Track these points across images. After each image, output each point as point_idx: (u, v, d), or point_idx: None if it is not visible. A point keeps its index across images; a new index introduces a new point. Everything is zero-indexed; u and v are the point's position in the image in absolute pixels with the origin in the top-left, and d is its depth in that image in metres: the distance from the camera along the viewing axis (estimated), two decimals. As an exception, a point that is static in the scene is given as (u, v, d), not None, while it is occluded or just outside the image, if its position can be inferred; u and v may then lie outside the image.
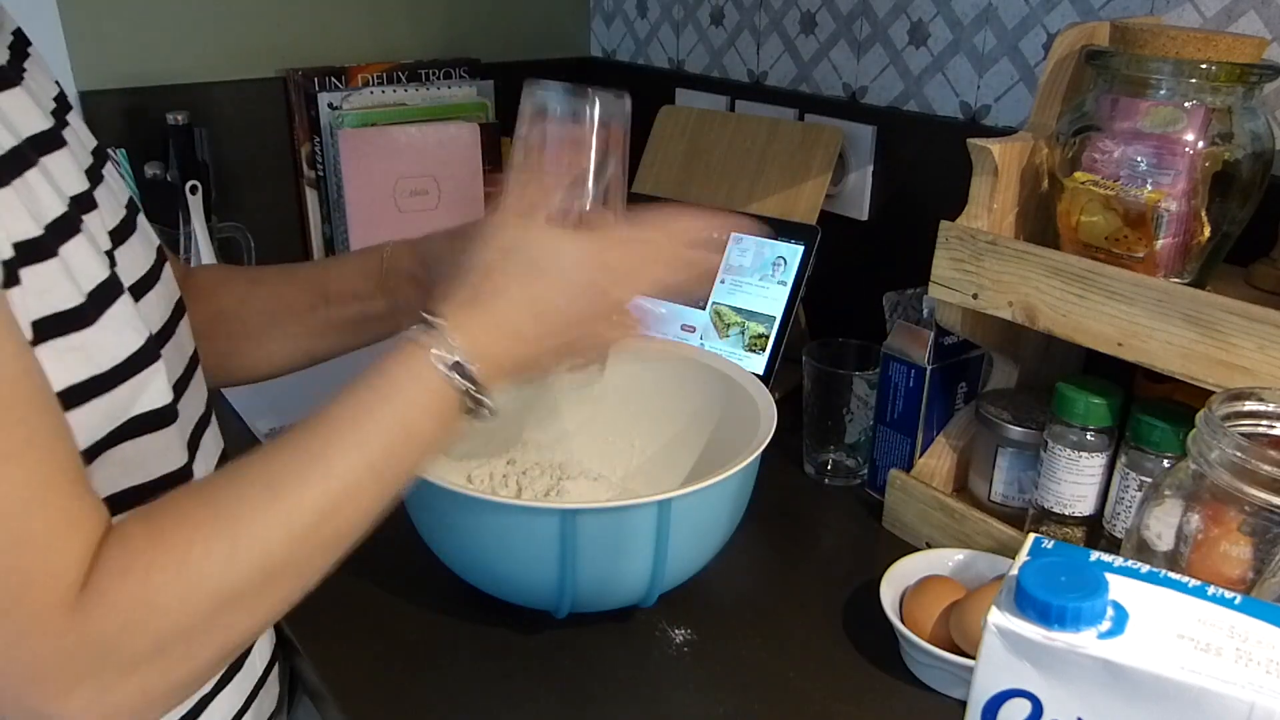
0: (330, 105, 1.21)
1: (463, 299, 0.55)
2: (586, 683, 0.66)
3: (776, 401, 0.75)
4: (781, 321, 0.99)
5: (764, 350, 0.99)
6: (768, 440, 0.69)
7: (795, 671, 0.67)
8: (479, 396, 0.52)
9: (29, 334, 0.45)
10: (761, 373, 0.97)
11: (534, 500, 0.79)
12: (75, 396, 0.47)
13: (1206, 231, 0.67)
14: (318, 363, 0.78)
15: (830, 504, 0.88)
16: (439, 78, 1.29)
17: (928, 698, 0.65)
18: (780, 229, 1.01)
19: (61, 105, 0.57)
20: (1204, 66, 0.64)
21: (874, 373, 0.86)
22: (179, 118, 1.12)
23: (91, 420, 0.48)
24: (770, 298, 1.00)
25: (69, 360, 0.47)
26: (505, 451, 0.85)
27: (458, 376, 0.52)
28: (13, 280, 0.44)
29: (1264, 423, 0.54)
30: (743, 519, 0.73)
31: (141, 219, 0.60)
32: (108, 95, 1.15)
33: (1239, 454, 0.50)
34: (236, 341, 0.74)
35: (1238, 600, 0.38)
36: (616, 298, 0.59)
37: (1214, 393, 0.55)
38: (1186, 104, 0.65)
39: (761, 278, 1.01)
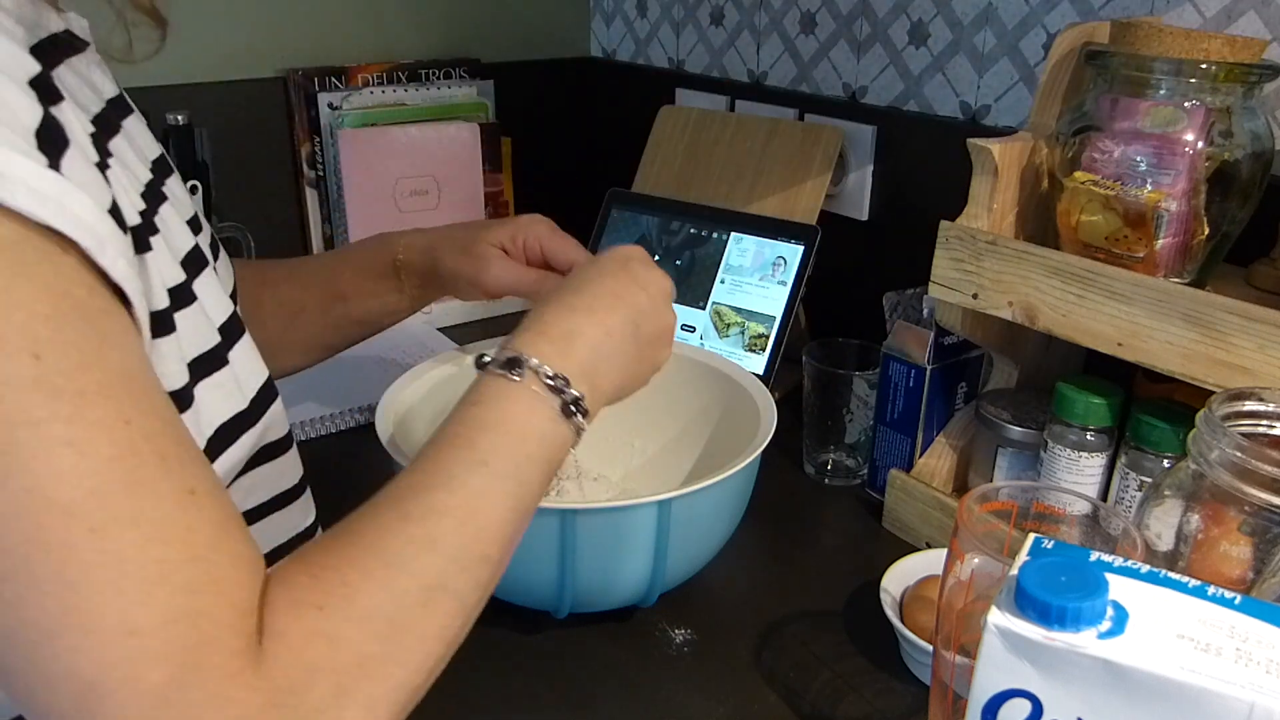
0: (330, 105, 1.21)
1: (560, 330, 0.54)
2: (586, 683, 0.66)
3: (776, 401, 0.75)
4: (781, 321, 0.99)
5: (764, 350, 0.99)
6: (768, 440, 0.69)
7: (795, 671, 0.67)
8: (580, 409, 0.51)
9: (185, 376, 0.44)
10: (761, 373, 0.97)
11: (534, 500, 0.79)
12: (228, 432, 0.47)
13: (1206, 231, 0.67)
14: (335, 354, 0.81)
15: (830, 504, 0.88)
16: (439, 78, 1.29)
17: (928, 697, 0.65)
18: (780, 229, 1.01)
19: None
20: (1204, 66, 0.64)
21: (874, 373, 0.86)
22: (179, 118, 1.12)
23: (236, 455, 0.48)
24: (770, 298, 1.00)
25: (218, 396, 0.47)
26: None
27: (561, 392, 0.51)
28: (169, 328, 0.43)
29: (1264, 423, 0.54)
30: (743, 519, 0.73)
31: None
32: (108, 95, 1.15)
33: (1239, 454, 0.50)
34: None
35: (1238, 600, 0.38)
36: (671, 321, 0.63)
37: (1214, 393, 0.55)
38: (1186, 104, 0.65)
39: (761, 278, 1.01)
